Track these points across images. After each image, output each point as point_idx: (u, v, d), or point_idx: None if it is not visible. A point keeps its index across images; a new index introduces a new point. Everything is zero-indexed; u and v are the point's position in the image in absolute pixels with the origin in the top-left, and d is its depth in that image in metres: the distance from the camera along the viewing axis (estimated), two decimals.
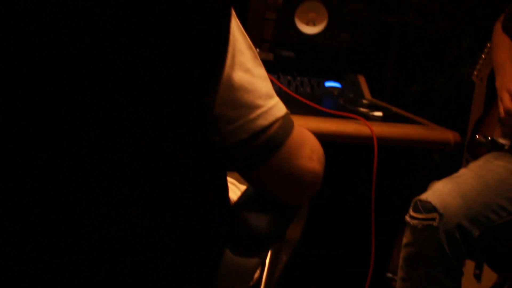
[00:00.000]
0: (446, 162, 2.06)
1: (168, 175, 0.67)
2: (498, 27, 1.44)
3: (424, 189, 1.22)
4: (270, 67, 1.70)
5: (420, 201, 1.12)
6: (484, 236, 1.11)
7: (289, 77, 1.71)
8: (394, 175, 1.57)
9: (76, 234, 0.63)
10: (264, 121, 0.74)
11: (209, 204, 0.74)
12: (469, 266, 1.84)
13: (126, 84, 0.61)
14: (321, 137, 0.92)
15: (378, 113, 1.56)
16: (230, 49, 0.70)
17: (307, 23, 1.82)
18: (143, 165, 0.66)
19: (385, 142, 1.45)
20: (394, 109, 1.68)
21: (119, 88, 0.61)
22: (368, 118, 1.50)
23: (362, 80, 1.82)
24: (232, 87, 0.73)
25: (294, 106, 1.53)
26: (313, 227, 1.44)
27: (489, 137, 1.36)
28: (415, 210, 1.12)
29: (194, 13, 0.63)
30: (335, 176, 1.48)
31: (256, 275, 1.06)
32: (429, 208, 1.09)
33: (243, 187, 1.17)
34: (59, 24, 0.57)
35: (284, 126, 0.77)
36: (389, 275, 1.88)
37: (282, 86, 1.65)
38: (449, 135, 1.48)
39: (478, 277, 1.83)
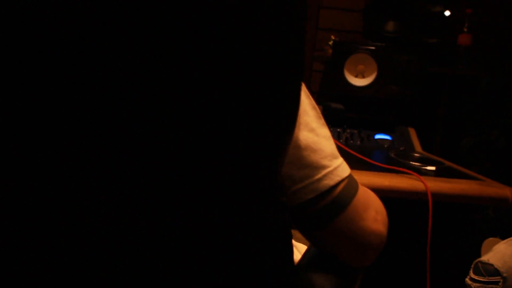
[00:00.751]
0: (501, 218, 2.00)
1: (233, 235, 0.67)
2: None
3: (479, 246, 1.18)
4: None
5: (482, 263, 1.08)
6: None
7: (338, 130, 1.71)
8: (449, 231, 1.52)
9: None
10: (330, 181, 0.74)
11: (275, 264, 0.73)
12: None
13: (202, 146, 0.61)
14: (374, 192, 0.91)
15: (431, 168, 1.54)
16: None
17: (356, 75, 1.82)
18: (209, 220, 0.65)
19: (440, 198, 1.41)
20: (447, 162, 1.65)
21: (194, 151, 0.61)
22: (421, 172, 1.47)
23: (412, 132, 1.80)
24: (298, 147, 0.73)
25: (344, 159, 1.51)
26: (369, 285, 1.40)
27: None
28: (476, 273, 1.08)
29: (271, 86, 0.63)
30: (390, 232, 1.45)
31: None
32: (492, 271, 1.05)
33: (298, 245, 1.15)
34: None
35: (349, 187, 0.76)
36: None
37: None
38: (507, 192, 1.44)
39: None
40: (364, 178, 1.41)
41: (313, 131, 0.75)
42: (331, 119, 1.73)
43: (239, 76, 0.61)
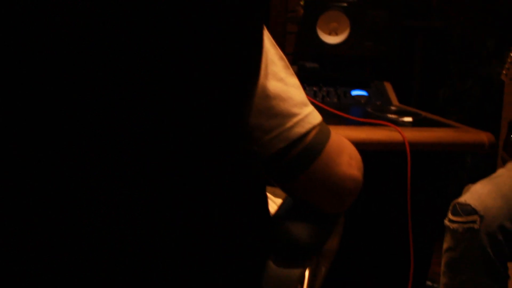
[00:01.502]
0: (479, 165, 2.03)
1: (206, 186, 0.67)
2: None
3: (459, 192, 1.20)
4: None
5: (459, 204, 1.10)
6: None
7: (314, 88, 1.71)
8: (428, 180, 1.54)
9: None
10: (301, 129, 0.74)
11: (250, 215, 0.74)
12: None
13: (156, 92, 0.61)
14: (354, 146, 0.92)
15: (408, 119, 1.55)
16: (263, 59, 0.71)
17: (329, 33, 1.82)
18: (177, 177, 0.65)
19: (417, 147, 1.43)
20: (423, 113, 1.67)
21: (145, 94, 0.60)
22: (398, 124, 1.48)
23: (388, 87, 1.81)
24: (267, 97, 0.73)
25: (322, 116, 1.51)
26: (349, 237, 1.42)
27: None
28: (454, 214, 1.10)
29: (229, 25, 0.63)
30: (369, 184, 1.46)
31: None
32: (469, 210, 1.07)
33: (278, 201, 1.16)
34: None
35: (321, 134, 0.76)
36: (429, 283, 1.84)
37: (308, 97, 1.65)
38: (483, 136, 1.45)
39: None
40: (342, 132, 1.40)
41: (282, 80, 0.75)
42: (307, 79, 1.73)
43: (196, 26, 0.60)
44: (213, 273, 0.72)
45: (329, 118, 1.49)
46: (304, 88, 1.70)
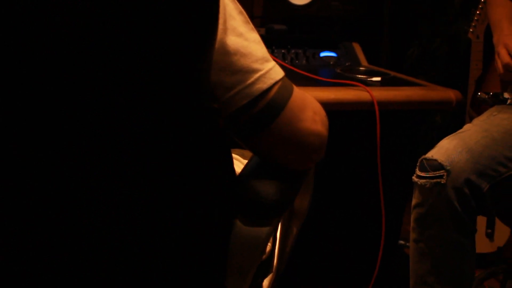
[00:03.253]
0: (448, 124, 2.04)
1: (168, 146, 0.66)
2: None
3: (428, 151, 1.20)
4: (263, 42, 1.67)
5: (426, 159, 1.11)
6: (493, 189, 1.09)
7: (283, 51, 1.69)
8: (398, 139, 1.55)
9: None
10: (263, 85, 0.73)
11: (214, 174, 0.73)
12: (480, 226, 1.83)
13: (115, 51, 0.59)
14: (322, 106, 0.91)
15: (377, 78, 1.54)
16: (221, 14, 0.68)
17: None
18: (143, 140, 0.64)
19: (386, 107, 1.43)
20: (392, 73, 1.66)
21: (109, 63, 0.59)
22: (367, 84, 1.48)
23: (357, 47, 1.80)
24: (227, 53, 0.71)
25: (290, 78, 1.50)
26: (321, 198, 1.43)
27: (491, 93, 1.34)
28: (421, 169, 1.10)
29: None
30: (339, 145, 1.47)
31: (268, 248, 1.05)
32: (436, 165, 1.08)
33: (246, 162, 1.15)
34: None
35: (283, 89, 0.75)
36: (401, 242, 1.87)
37: (277, 60, 1.62)
38: (451, 94, 1.46)
39: (490, 236, 1.82)
40: (310, 93, 1.37)
41: (242, 35, 0.73)
42: (275, 41, 1.70)
43: None
44: (180, 234, 0.71)
45: (298, 80, 1.47)
46: (273, 51, 1.68)
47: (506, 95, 1.29)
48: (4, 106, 0.57)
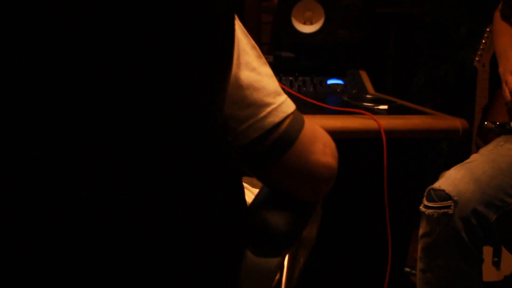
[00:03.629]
0: (455, 152, 2.05)
1: (181, 177, 0.67)
2: (497, 16, 1.45)
3: (435, 179, 1.21)
4: (270, 69, 1.69)
5: (434, 189, 1.11)
6: (501, 219, 1.10)
7: (290, 78, 1.71)
8: (404, 167, 1.56)
9: (75, 233, 0.62)
10: (275, 118, 0.74)
11: (226, 205, 0.74)
12: (487, 254, 1.83)
13: (132, 88, 0.60)
14: (328, 134, 0.92)
15: (384, 107, 1.56)
16: (235, 49, 0.70)
17: (304, 23, 1.82)
18: (154, 169, 0.65)
19: (393, 135, 1.44)
20: (399, 101, 1.68)
21: (125, 93, 0.60)
22: (374, 112, 1.49)
23: (364, 75, 1.82)
24: (240, 87, 0.72)
25: (298, 106, 1.51)
26: (328, 226, 1.43)
27: (497, 123, 1.35)
28: (429, 200, 1.11)
29: (198, 14, 0.63)
30: (346, 173, 1.47)
31: (275, 278, 1.05)
32: (443, 196, 1.09)
33: (256, 191, 1.16)
34: (58, 24, 0.56)
35: (294, 122, 0.76)
36: (407, 269, 1.87)
37: (284, 87, 1.64)
38: (457, 123, 1.47)
39: (497, 264, 1.81)
40: (318, 121, 1.40)
41: (255, 70, 0.74)
42: (283, 68, 1.72)
43: (165, 16, 0.60)
44: (190, 265, 0.71)
45: (305, 108, 1.49)
46: (280, 78, 1.71)
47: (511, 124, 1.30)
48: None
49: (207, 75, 0.65)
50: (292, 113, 0.76)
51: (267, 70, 0.76)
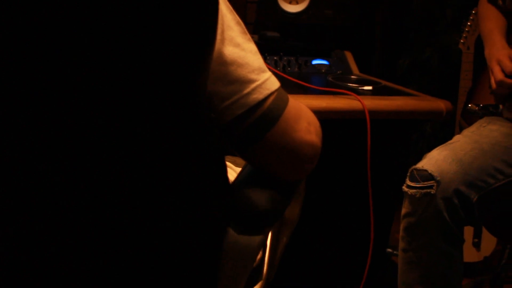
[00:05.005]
0: (438, 133, 2.06)
1: (163, 153, 0.66)
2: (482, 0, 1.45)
3: (418, 160, 1.22)
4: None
5: (416, 170, 1.12)
6: (482, 200, 1.11)
7: (275, 57, 1.70)
8: (388, 148, 1.56)
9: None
10: (259, 95, 0.73)
11: (208, 182, 0.73)
12: (467, 235, 1.85)
13: (114, 64, 0.60)
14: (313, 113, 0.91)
15: (368, 87, 1.56)
16: (219, 25, 0.69)
17: (290, 2, 1.80)
18: (137, 146, 0.64)
19: (377, 116, 1.44)
20: (384, 82, 1.68)
21: (108, 70, 0.60)
22: (358, 93, 1.49)
23: (349, 56, 1.81)
24: (224, 63, 0.71)
25: (282, 85, 1.51)
26: (310, 206, 1.43)
27: (481, 105, 1.36)
28: (412, 180, 1.12)
29: None
30: (330, 153, 1.47)
31: (258, 256, 1.05)
32: (426, 176, 1.09)
33: (239, 170, 1.15)
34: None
35: (279, 100, 0.76)
36: (389, 250, 1.88)
37: (269, 67, 1.63)
38: (441, 104, 1.48)
39: (477, 245, 1.84)
40: (303, 101, 1.39)
41: (239, 46, 0.73)
42: (268, 48, 1.71)
43: None
44: (171, 243, 0.71)
45: (290, 88, 1.48)
46: (265, 58, 1.69)
47: (501, 107, 1.30)
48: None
49: (189, 50, 0.64)
50: (277, 90, 0.76)
51: (251, 47, 0.75)
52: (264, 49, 1.70)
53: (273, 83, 0.76)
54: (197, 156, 0.70)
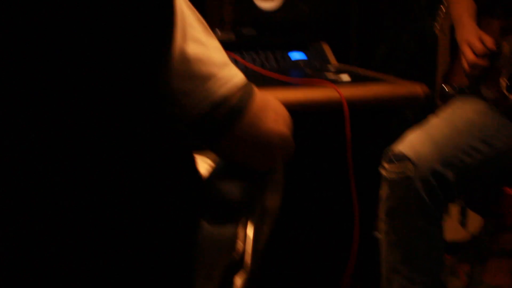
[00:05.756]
0: (420, 118, 2.08)
1: (129, 150, 0.67)
2: None
3: None
4: (232, 46, 1.69)
5: (392, 152, 1.13)
6: (460, 178, 1.12)
7: (253, 54, 1.71)
8: (369, 136, 1.57)
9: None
10: (223, 90, 0.75)
11: (177, 177, 0.75)
12: (454, 214, 1.87)
13: (72, 64, 0.61)
14: (291, 107, 0.92)
15: (346, 77, 1.57)
16: (179, 23, 0.71)
17: None
18: (107, 147, 0.66)
19: (355, 104, 1.45)
20: (361, 71, 1.69)
21: (66, 70, 0.61)
22: (337, 83, 1.50)
23: (326, 47, 1.82)
24: (187, 60, 0.73)
25: (262, 81, 1.52)
26: (294, 197, 1.45)
27: (456, 87, 1.37)
28: (388, 162, 1.13)
29: None
30: (310, 144, 1.49)
31: (241, 247, 1.07)
32: (402, 158, 1.11)
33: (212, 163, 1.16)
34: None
35: (244, 93, 0.77)
36: (377, 233, 1.89)
37: (247, 64, 1.65)
38: (417, 88, 1.49)
39: (463, 223, 1.86)
40: (280, 95, 1.41)
41: (201, 43, 0.75)
42: (244, 45, 1.72)
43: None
44: (146, 238, 0.72)
45: (267, 83, 1.49)
46: (243, 55, 1.71)
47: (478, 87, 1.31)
48: None
49: (148, 48, 0.66)
50: (242, 83, 0.77)
51: (214, 43, 0.77)
52: (241, 46, 1.71)
53: (238, 77, 0.77)
54: (164, 152, 0.72)
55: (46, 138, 0.62)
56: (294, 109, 0.98)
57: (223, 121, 0.76)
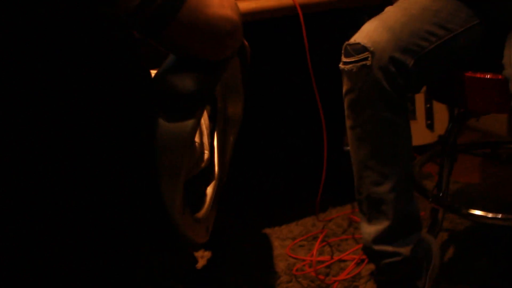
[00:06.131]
0: None
1: (78, 54, 0.64)
2: None
3: None
4: None
5: (349, 44, 1.11)
6: (419, 64, 1.11)
7: None
8: (326, 42, 1.55)
9: None
10: None
11: (126, 75, 0.72)
12: (421, 118, 1.88)
13: None
14: (244, 17, 0.89)
15: None
16: None
17: None
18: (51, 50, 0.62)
19: (309, 9, 1.42)
20: None
21: None
22: None
23: None
24: None
25: None
26: (256, 111, 1.43)
27: None
28: (346, 55, 1.11)
29: None
30: (269, 54, 1.46)
31: (206, 156, 1.05)
32: (359, 48, 1.09)
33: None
34: None
35: None
36: (346, 148, 1.90)
37: None
38: None
39: (431, 126, 1.87)
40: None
41: None
42: None
43: None
44: (99, 142, 0.70)
45: None
46: None
47: None
48: None
49: None
50: None
51: None
52: None
53: None
54: (110, 52, 0.68)
55: None
56: (248, 19, 0.94)
57: (166, 7, 0.72)
